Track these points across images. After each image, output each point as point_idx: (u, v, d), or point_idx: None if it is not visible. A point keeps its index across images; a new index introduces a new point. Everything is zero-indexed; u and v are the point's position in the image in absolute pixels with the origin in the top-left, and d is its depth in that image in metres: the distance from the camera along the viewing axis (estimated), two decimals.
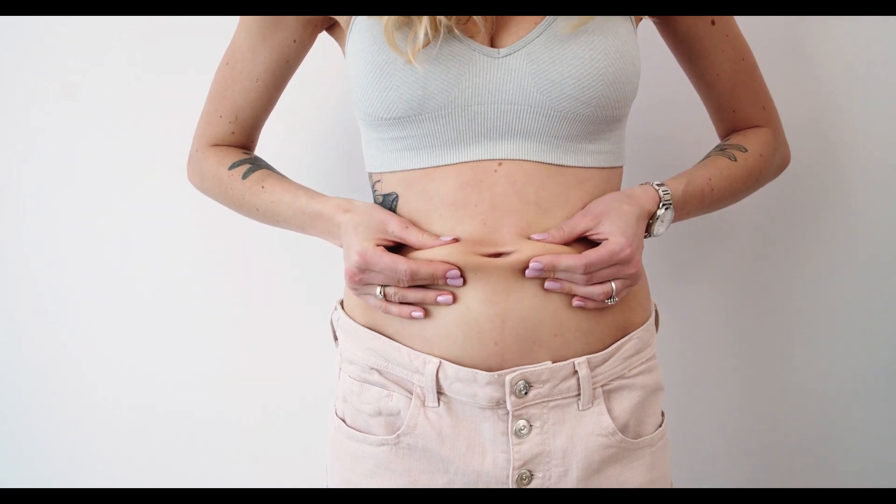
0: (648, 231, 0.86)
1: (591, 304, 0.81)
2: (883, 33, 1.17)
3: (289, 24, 0.89)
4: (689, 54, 0.95)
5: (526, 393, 0.80)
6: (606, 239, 0.80)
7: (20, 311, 1.30)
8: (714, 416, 1.33)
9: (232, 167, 0.94)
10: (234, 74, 0.93)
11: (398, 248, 0.83)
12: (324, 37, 0.94)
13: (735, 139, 0.97)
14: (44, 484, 1.34)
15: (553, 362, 0.81)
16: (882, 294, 1.27)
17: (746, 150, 0.95)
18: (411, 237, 0.81)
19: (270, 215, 0.92)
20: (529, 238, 0.80)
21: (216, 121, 0.96)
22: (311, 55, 0.96)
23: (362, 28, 0.81)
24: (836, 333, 1.29)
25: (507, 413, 0.81)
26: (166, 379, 1.31)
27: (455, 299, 0.80)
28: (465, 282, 0.80)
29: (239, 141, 0.97)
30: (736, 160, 0.94)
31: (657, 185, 0.87)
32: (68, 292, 1.28)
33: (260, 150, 1.01)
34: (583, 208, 0.82)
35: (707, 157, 0.97)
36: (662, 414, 0.91)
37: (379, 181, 0.87)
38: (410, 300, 0.81)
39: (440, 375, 0.81)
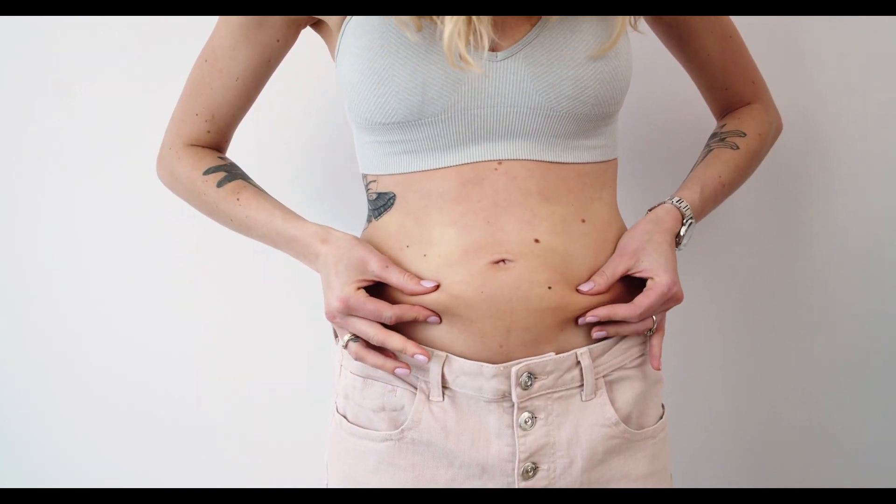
0: (677, 246, 0.89)
1: (613, 333, 0.85)
2: (877, 31, 1.18)
3: (273, 24, 0.87)
4: (678, 38, 0.97)
5: (531, 385, 0.81)
6: (651, 278, 0.83)
7: (15, 312, 1.29)
8: (710, 411, 1.34)
9: (207, 172, 0.91)
10: (213, 72, 0.90)
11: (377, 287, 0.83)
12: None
13: (731, 124, 0.99)
14: (43, 478, 1.34)
15: (556, 353, 0.82)
16: (875, 289, 1.28)
17: (745, 135, 0.97)
18: (392, 277, 0.80)
19: (244, 229, 0.91)
20: (536, 241, 0.80)
21: (191, 119, 0.92)
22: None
23: (357, 32, 0.80)
24: (831, 329, 1.30)
25: (513, 405, 0.81)
26: (165, 376, 1.30)
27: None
28: (440, 320, 0.81)
29: (214, 140, 0.94)
30: (738, 148, 0.96)
31: (676, 201, 0.89)
32: (69, 294, 1.28)
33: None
34: (574, 201, 0.83)
35: (709, 149, 0.98)
36: (663, 406, 0.92)
37: (374, 181, 0.86)
38: (391, 346, 0.80)
39: (445, 369, 0.81)
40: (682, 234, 0.88)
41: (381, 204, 0.85)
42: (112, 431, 1.32)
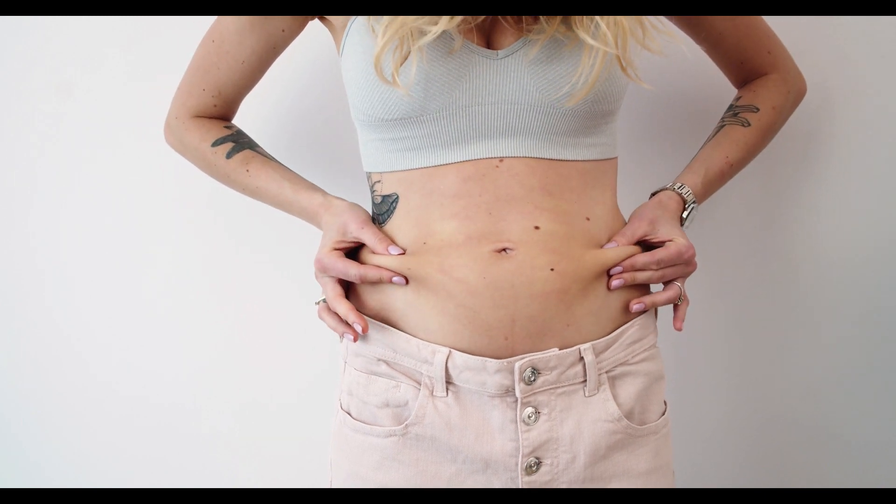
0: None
1: (649, 304, 0.88)
2: (877, 31, 1.18)
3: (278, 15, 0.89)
4: (689, 22, 0.98)
5: (534, 380, 0.81)
6: (670, 240, 0.88)
7: (16, 311, 1.29)
8: (713, 409, 1.34)
9: (215, 144, 0.96)
10: (220, 53, 0.93)
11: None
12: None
13: (746, 97, 1.01)
14: (41, 479, 1.33)
15: (560, 349, 0.82)
16: (877, 289, 1.27)
17: (758, 110, 0.99)
18: (364, 236, 0.86)
19: (256, 197, 0.97)
20: (536, 228, 0.80)
21: (198, 92, 0.96)
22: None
23: (361, 31, 0.81)
24: (834, 328, 1.29)
25: (516, 400, 0.81)
26: (166, 375, 1.30)
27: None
28: (407, 281, 0.83)
29: (220, 112, 0.98)
30: (750, 124, 0.98)
31: (678, 188, 0.93)
32: (67, 291, 1.27)
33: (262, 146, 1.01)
34: (577, 199, 0.83)
35: (721, 124, 1.00)
36: (665, 402, 0.92)
37: (379, 181, 0.87)
38: (337, 310, 0.85)
39: (449, 364, 0.82)
40: (685, 217, 0.93)
41: (385, 209, 0.86)
42: (112, 431, 1.32)
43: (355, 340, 0.86)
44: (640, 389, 0.87)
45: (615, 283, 0.84)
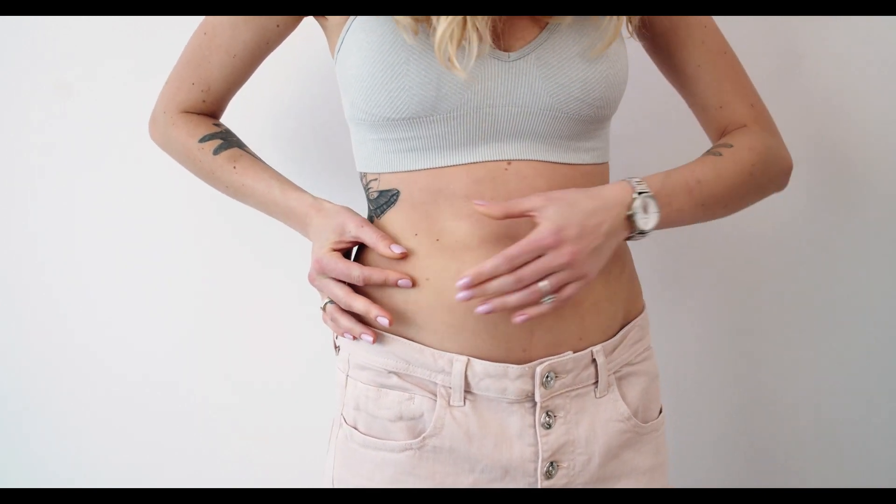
0: (631, 224, 0.80)
1: (532, 312, 0.76)
2: (878, 32, 1.18)
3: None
4: (668, 49, 0.92)
5: (552, 384, 0.81)
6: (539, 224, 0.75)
7: (14, 309, 1.27)
8: (713, 412, 1.34)
9: (203, 140, 0.92)
10: (212, 47, 0.90)
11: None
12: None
13: (722, 140, 0.93)
14: (46, 475, 1.32)
15: (574, 352, 0.82)
16: (879, 293, 1.28)
17: (732, 146, 0.90)
18: (365, 236, 0.82)
19: (241, 196, 0.92)
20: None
21: (187, 87, 0.92)
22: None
23: (367, 27, 0.79)
24: (832, 329, 1.30)
25: (535, 405, 0.81)
26: (166, 375, 1.29)
27: (391, 322, 0.80)
28: (414, 283, 0.80)
29: (209, 109, 0.95)
30: (721, 154, 0.89)
31: (628, 177, 0.84)
32: (68, 291, 1.26)
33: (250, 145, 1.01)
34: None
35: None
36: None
37: (375, 180, 0.85)
38: (355, 308, 0.82)
39: (469, 373, 0.81)
40: (634, 206, 0.79)
41: (383, 202, 0.85)
42: (113, 430, 1.31)
43: (374, 342, 0.82)
44: (643, 388, 0.89)
45: (480, 308, 0.75)
